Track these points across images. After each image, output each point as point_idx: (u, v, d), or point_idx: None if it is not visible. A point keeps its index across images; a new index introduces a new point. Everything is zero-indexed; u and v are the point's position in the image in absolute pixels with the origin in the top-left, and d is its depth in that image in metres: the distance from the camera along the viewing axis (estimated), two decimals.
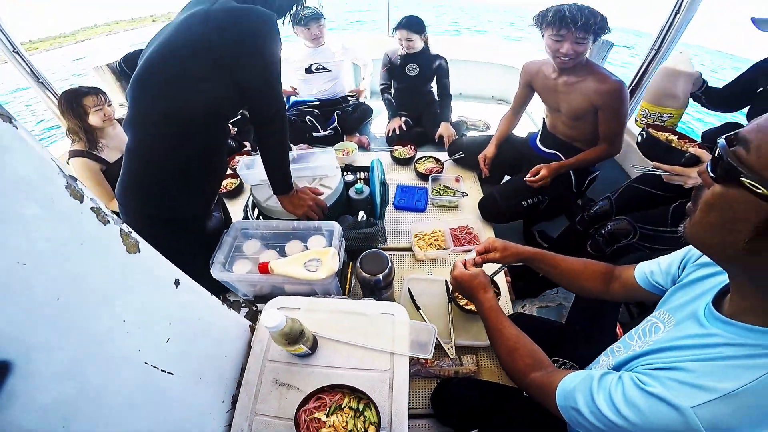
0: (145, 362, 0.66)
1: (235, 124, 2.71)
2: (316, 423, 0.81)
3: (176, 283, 0.75)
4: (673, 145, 1.44)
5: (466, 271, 1.12)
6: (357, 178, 1.81)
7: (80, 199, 0.52)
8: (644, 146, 1.49)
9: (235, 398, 0.93)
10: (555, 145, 1.94)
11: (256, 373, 0.94)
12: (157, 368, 0.68)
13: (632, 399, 0.58)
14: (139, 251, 0.64)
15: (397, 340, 0.97)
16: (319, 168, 1.54)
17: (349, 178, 1.71)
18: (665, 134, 1.50)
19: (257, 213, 1.62)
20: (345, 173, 1.75)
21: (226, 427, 0.89)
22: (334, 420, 0.81)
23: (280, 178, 1.33)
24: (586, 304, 1.29)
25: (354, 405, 0.84)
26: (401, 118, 2.80)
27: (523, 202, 1.81)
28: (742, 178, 0.45)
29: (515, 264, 1.20)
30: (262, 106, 1.17)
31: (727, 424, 0.49)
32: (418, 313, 1.37)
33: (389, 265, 1.23)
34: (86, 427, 0.56)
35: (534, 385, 0.81)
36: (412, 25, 2.49)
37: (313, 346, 0.94)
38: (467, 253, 1.51)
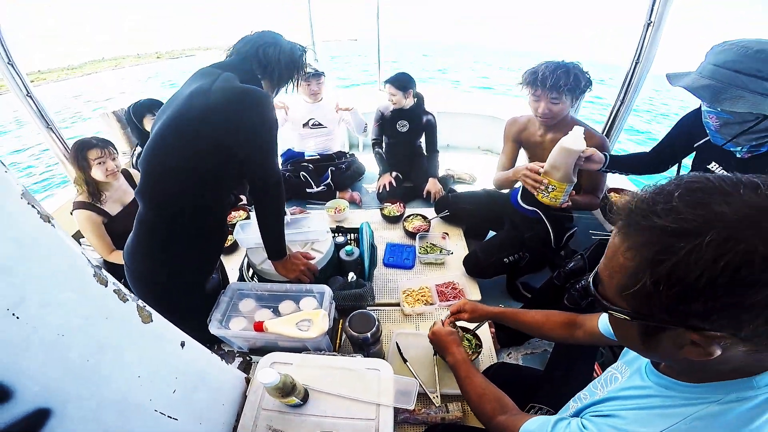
0: (155, 410, 0.79)
1: None
2: None
3: (182, 345, 0.90)
4: None
5: (441, 329, 1.31)
6: (348, 239, 1.96)
7: (105, 284, 0.67)
8: (603, 210, 1.66)
9: None
10: (535, 202, 2.01)
11: (252, 419, 1.05)
12: (164, 414, 0.81)
13: None
14: (152, 321, 0.79)
15: (382, 393, 1.09)
16: (311, 233, 1.70)
17: (340, 239, 1.87)
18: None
19: (252, 272, 1.76)
20: (336, 234, 1.91)
21: None
22: None
23: (274, 245, 1.47)
24: (564, 350, 1.40)
25: None
26: (391, 173, 2.99)
27: (505, 259, 1.96)
28: (609, 311, 0.58)
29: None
30: (260, 178, 1.32)
31: None
32: (406, 365, 1.49)
33: (376, 324, 1.37)
34: None
35: (499, 428, 0.94)
36: (398, 82, 2.73)
37: (305, 397, 1.06)
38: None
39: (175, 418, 0.84)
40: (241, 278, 1.77)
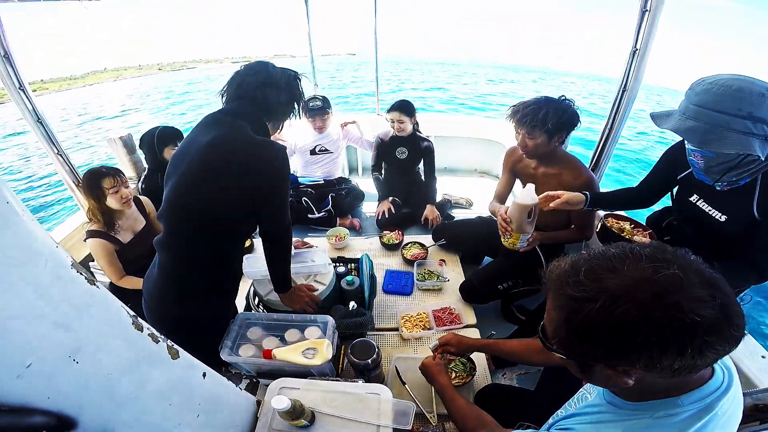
0: None
1: None
2: None
3: (204, 375, 1.05)
4: (624, 234, 1.69)
5: (429, 361, 1.51)
6: (348, 268, 2.11)
7: (141, 329, 0.82)
8: (600, 234, 1.78)
9: None
10: None
11: None
12: None
13: None
14: (179, 356, 0.94)
15: (382, 415, 1.23)
16: (314, 266, 1.86)
17: (341, 269, 2.02)
18: (620, 223, 1.76)
19: (258, 300, 1.90)
20: (338, 264, 2.06)
21: None
22: None
23: (281, 280, 1.63)
24: (554, 370, 1.54)
25: None
26: (389, 199, 3.14)
27: (499, 286, 2.10)
28: (552, 351, 0.73)
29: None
30: (273, 227, 1.48)
31: None
32: (404, 387, 1.62)
33: (376, 351, 1.52)
34: None
35: None
36: (404, 108, 2.87)
37: (312, 419, 1.21)
38: (447, 333, 1.81)
39: None
40: (248, 306, 1.93)
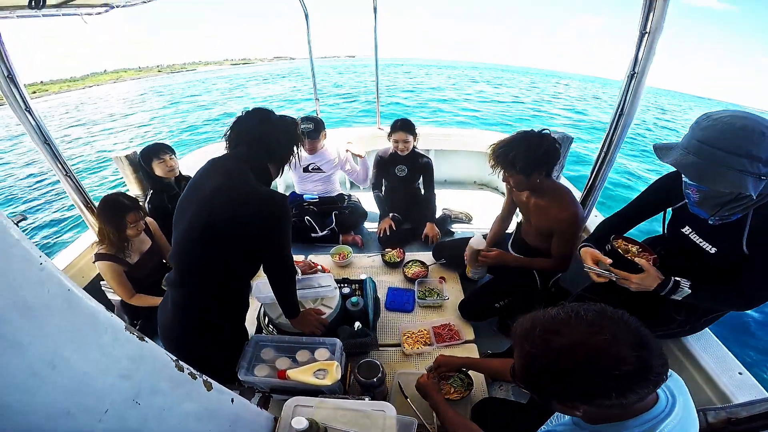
0: None
1: None
2: None
3: (232, 401, 1.22)
4: (628, 255, 1.68)
5: (424, 379, 1.68)
6: (353, 289, 2.26)
7: (182, 369, 0.94)
8: (609, 255, 1.73)
9: None
10: (523, 250, 2.34)
11: None
12: None
13: None
14: (212, 388, 1.11)
15: (387, 430, 1.41)
16: (321, 291, 2.03)
17: (346, 290, 2.19)
18: (628, 245, 1.77)
19: (267, 321, 2.06)
20: (343, 285, 2.24)
21: None
22: None
23: (289, 308, 1.79)
24: None
25: None
26: (390, 216, 3.31)
27: (496, 304, 2.25)
28: (521, 388, 0.94)
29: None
30: (278, 267, 1.67)
31: None
32: (407, 402, 1.78)
33: (381, 370, 1.70)
34: None
35: None
36: (408, 127, 3.01)
37: None
38: (447, 348, 2.07)
39: None
40: (259, 327, 2.10)
